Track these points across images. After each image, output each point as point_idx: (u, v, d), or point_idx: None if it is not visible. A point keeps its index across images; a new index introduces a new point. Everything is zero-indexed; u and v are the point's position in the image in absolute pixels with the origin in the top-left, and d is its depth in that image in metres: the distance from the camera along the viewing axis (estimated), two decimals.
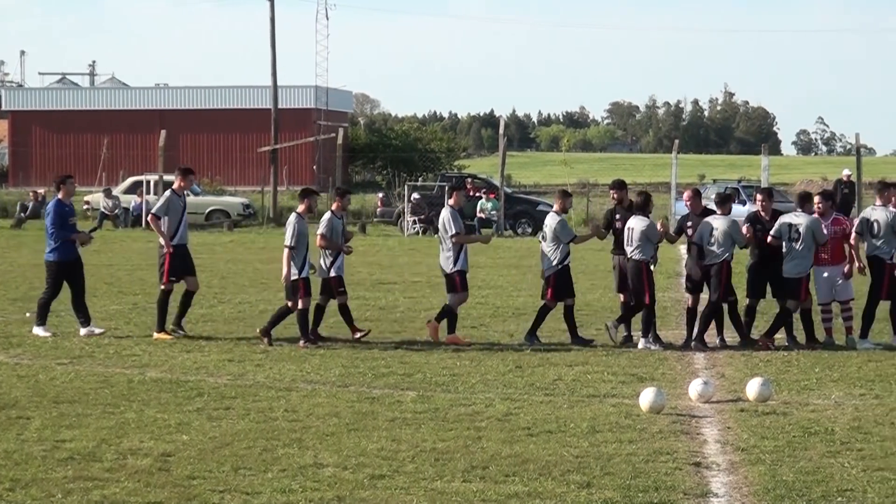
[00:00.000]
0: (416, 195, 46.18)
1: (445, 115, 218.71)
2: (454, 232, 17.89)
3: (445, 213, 17.99)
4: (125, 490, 9.60)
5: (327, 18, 75.45)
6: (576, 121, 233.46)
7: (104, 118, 79.02)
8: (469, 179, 49.20)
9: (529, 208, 47.44)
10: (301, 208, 17.86)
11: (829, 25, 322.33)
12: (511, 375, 14.96)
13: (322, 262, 18.04)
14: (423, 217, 45.22)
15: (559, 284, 17.62)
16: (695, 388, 13.28)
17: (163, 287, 18.07)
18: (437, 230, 45.32)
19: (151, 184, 48.57)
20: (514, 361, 15.92)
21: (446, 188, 19.40)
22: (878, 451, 10.75)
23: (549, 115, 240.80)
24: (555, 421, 12.17)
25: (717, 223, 17.25)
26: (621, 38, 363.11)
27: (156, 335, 17.86)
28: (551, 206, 50.64)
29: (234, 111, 79.47)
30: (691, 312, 17.61)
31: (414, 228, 45.04)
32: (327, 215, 18.19)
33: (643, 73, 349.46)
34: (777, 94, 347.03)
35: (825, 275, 17.46)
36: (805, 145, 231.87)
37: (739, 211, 39.12)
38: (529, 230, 45.54)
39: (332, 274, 18.03)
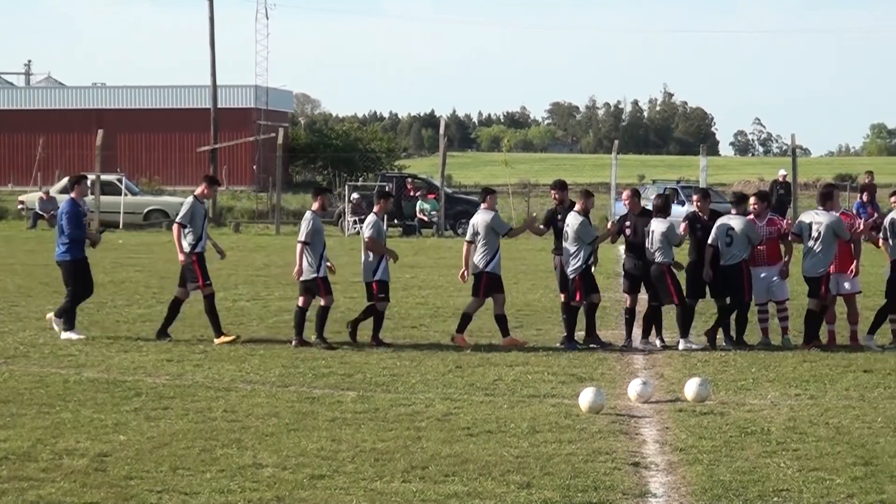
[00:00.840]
0: (356, 195, 46.10)
1: (386, 115, 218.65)
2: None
3: (369, 219, 17.83)
4: (61, 490, 9.51)
5: (267, 18, 75.08)
6: (516, 121, 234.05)
7: (40, 118, 78.16)
8: (409, 180, 49.15)
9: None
10: (315, 206, 17.71)
11: (766, 27, 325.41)
12: (451, 375, 14.96)
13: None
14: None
15: (585, 284, 17.54)
16: (634, 388, 13.35)
17: (204, 293, 17.75)
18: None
19: (88, 183, 48.08)
20: (454, 362, 15.93)
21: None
22: (813, 452, 10.85)
23: (489, 115, 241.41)
24: (495, 421, 12.19)
25: (734, 223, 17.31)
26: (561, 39, 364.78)
27: (217, 341, 17.46)
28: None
29: (173, 111, 78.94)
30: (629, 313, 17.69)
31: (354, 228, 44.93)
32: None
33: (583, 74, 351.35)
34: (715, 95, 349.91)
35: (762, 275, 17.60)
36: (742, 146, 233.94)
37: (678, 211, 39.49)
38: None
39: (377, 278, 17.71)
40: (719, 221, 17.45)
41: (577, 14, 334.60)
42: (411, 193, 46.79)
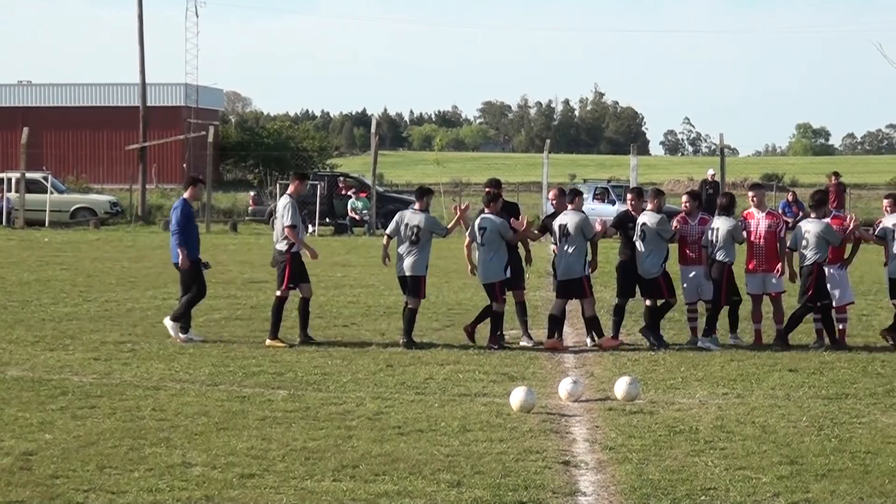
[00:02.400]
0: None
1: (318, 113, 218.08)
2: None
3: (283, 200, 17.68)
4: None
5: (197, 16, 74.38)
6: (448, 120, 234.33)
7: None
8: (341, 178, 49.05)
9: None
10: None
11: (696, 27, 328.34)
12: (382, 374, 14.94)
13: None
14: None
15: (668, 283, 17.54)
16: (564, 387, 13.40)
17: (279, 294, 17.53)
18: (308, 229, 45.03)
19: (13, 181, 47.65)
20: (385, 360, 15.91)
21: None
22: (740, 450, 10.94)
23: (421, 114, 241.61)
24: (426, 420, 12.19)
25: (809, 226, 17.30)
26: (494, 38, 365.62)
27: (269, 342, 17.21)
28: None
29: (101, 108, 78.26)
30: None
31: None
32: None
33: (515, 73, 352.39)
34: (645, 94, 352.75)
35: (691, 274, 17.73)
36: (672, 145, 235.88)
37: (609, 210, 39.73)
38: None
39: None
40: (886, 220, 17.43)
41: (509, 13, 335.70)
42: (343, 192, 46.68)
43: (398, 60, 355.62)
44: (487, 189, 18.08)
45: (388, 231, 17.93)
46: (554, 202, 18.16)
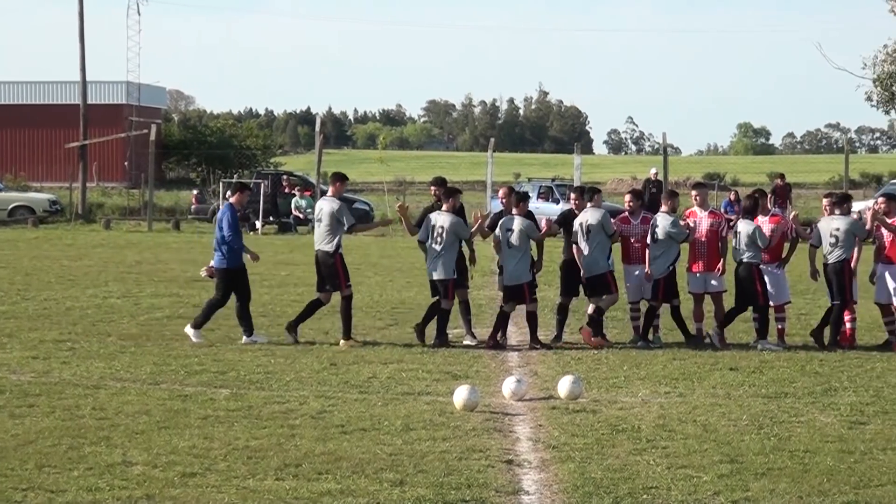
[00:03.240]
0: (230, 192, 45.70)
1: (262, 111, 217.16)
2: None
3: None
4: None
5: (139, 14, 74.00)
6: (392, 119, 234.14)
7: None
8: (285, 177, 48.89)
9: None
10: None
11: (639, 26, 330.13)
12: (325, 373, 14.90)
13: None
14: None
15: (668, 286, 17.52)
16: (508, 385, 13.41)
17: (344, 293, 17.44)
18: (252, 227, 44.78)
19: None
20: (328, 359, 15.87)
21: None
22: (681, 449, 11.00)
23: (365, 112, 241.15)
24: (369, 419, 12.17)
25: (838, 223, 17.35)
26: (438, 37, 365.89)
27: (343, 343, 17.12)
28: (368, 204, 50.76)
29: (40, 106, 77.52)
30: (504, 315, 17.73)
31: None
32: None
33: (459, 72, 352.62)
34: (589, 93, 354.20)
35: (636, 273, 17.81)
36: (616, 144, 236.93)
37: (553, 209, 39.81)
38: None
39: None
40: (822, 222, 17.56)
41: (454, 12, 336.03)
42: (287, 190, 46.55)
43: (342, 59, 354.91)
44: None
45: (419, 237, 17.77)
46: (503, 201, 18.17)
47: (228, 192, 18.18)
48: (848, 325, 17.47)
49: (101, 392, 13.42)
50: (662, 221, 17.51)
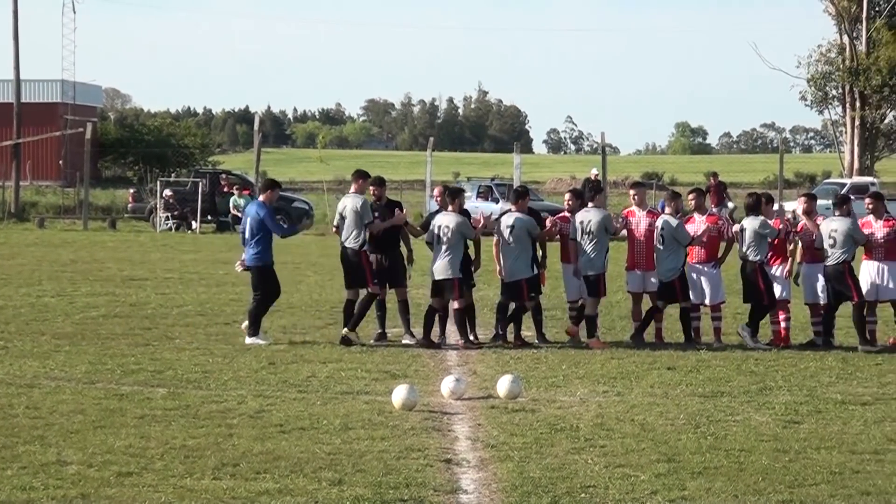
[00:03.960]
0: (168, 191, 45.47)
1: (200, 110, 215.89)
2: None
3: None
4: None
5: (74, 12, 73.37)
6: (332, 118, 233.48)
7: None
8: (223, 175, 48.66)
9: (285, 205, 47.22)
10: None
11: (578, 25, 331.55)
12: (264, 372, 14.83)
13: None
14: (176, 213, 44.54)
15: (683, 287, 17.48)
16: (447, 385, 13.42)
17: (371, 290, 17.42)
18: (190, 226, 44.51)
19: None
20: (266, 358, 15.80)
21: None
22: (619, 448, 11.05)
23: (305, 111, 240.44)
24: (307, 418, 12.13)
25: (837, 224, 17.31)
26: (377, 35, 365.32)
27: (346, 331, 17.19)
28: (307, 203, 50.59)
29: None
30: (432, 312, 17.69)
31: (166, 224, 44.31)
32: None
33: (399, 71, 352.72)
34: (529, 93, 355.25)
35: (574, 272, 17.86)
36: (555, 144, 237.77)
37: (492, 208, 39.88)
38: (284, 226, 45.28)
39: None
40: (823, 223, 17.49)
41: (393, 11, 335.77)
42: (225, 189, 46.36)
43: (282, 58, 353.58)
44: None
45: (426, 239, 17.73)
46: (438, 199, 18.16)
47: (242, 190, 17.99)
48: (782, 325, 17.62)
49: (34, 391, 13.28)
50: (668, 224, 17.47)
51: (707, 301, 17.67)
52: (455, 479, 9.97)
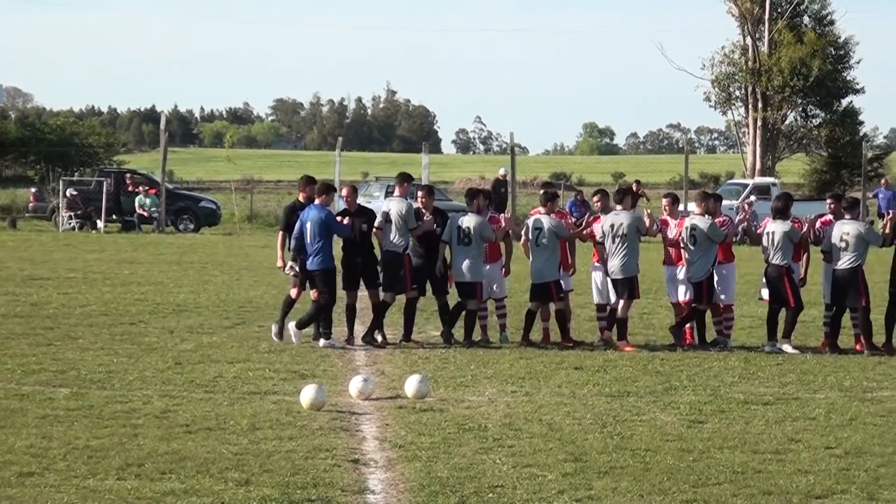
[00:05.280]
0: (71, 190, 44.92)
1: (104, 109, 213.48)
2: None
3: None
4: None
5: None
6: (240, 117, 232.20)
7: None
8: (129, 175, 48.15)
9: (191, 204, 46.94)
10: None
11: (486, 25, 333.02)
12: (170, 372, 14.69)
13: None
14: (79, 212, 44.00)
15: (710, 289, 17.42)
16: (355, 385, 13.39)
17: (410, 296, 17.47)
18: (94, 226, 43.93)
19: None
20: (173, 358, 15.65)
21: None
22: (527, 448, 11.09)
23: (212, 111, 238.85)
24: (214, 418, 12.03)
25: (849, 227, 17.20)
26: (285, 35, 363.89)
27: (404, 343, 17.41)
28: (215, 203, 50.21)
29: None
30: (351, 310, 17.68)
31: (70, 224, 43.74)
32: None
33: (307, 71, 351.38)
34: (437, 93, 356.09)
35: (486, 269, 17.89)
36: (464, 144, 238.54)
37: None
38: (191, 226, 45.13)
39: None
40: (835, 226, 17.38)
41: (301, 10, 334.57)
42: (130, 189, 45.89)
43: (188, 57, 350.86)
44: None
45: (443, 237, 17.67)
46: (348, 200, 18.07)
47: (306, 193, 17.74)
48: (726, 324, 17.76)
49: None
50: (700, 223, 17.47)
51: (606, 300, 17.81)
52: (363, 479, 9.95)
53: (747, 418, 12.54)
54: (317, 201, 17.54)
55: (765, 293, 17.84)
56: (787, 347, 17.28)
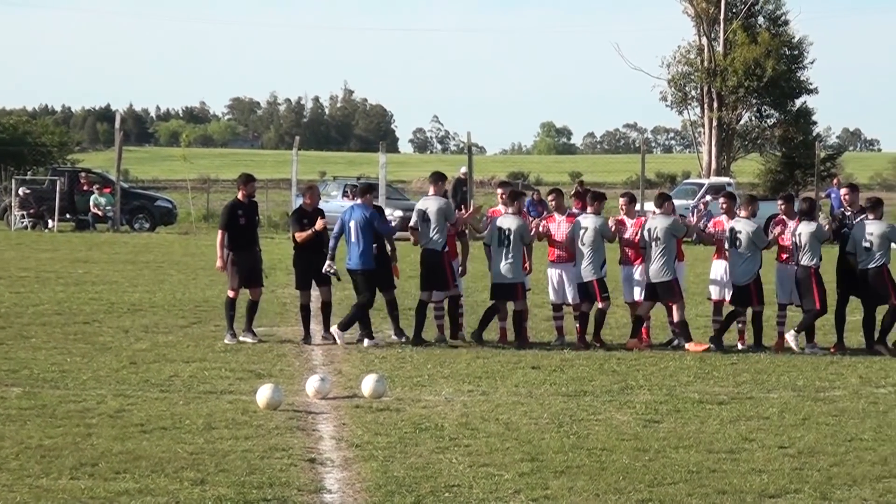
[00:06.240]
0: (24, 189, 44.61)
1: (58, 108, 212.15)
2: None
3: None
4: None
5: None
6: (196, 116, 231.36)
7: None
8: (83, 174, 47.88)
9: (147, 203, 46.73)
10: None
11: (444, 25, 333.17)
12: (125, 372, 14.61)
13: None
14: (32, 211, 43.69)
15: (759, 291, 17.42)
16: (312, 384, 13.36)
17: (451, 293, 17.55)
18: (47, 225, 43.61)
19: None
20: (128, 358, 15.56)
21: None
22: (483, 447, 11.09)
23: (168, 109, 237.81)
24: (170, 417, 11.97)
25: (873, 228, 17.21)
26: (242, 34, 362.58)
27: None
28: (170, 202, 50.03)
29: None
30: (305, 309, 17.59)
31: (22, 223, 43.42)
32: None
33: (264, 70, 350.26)
34: (395, 92, 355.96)
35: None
36: (421, 143, 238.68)
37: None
38: (147, 225, 44.93)
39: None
40: (856, 226, 17.44)
41: (258, 9, 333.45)
42: (85, 188, 45.63)
43: (144, 56, 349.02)
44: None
45: (485, 240, 17.78)
46: (308, 200, 18.02)
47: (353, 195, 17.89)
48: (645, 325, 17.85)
49: None
50: (744, 227, 17.47)
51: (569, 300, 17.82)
52: (319, 479, 9.93)
53: (702, 418, 12.60)
54: (358, 201, 17.65)
55: (713, 292, 17.94)
56: (817, 350, 17.33)
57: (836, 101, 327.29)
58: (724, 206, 18.16)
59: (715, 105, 63.38)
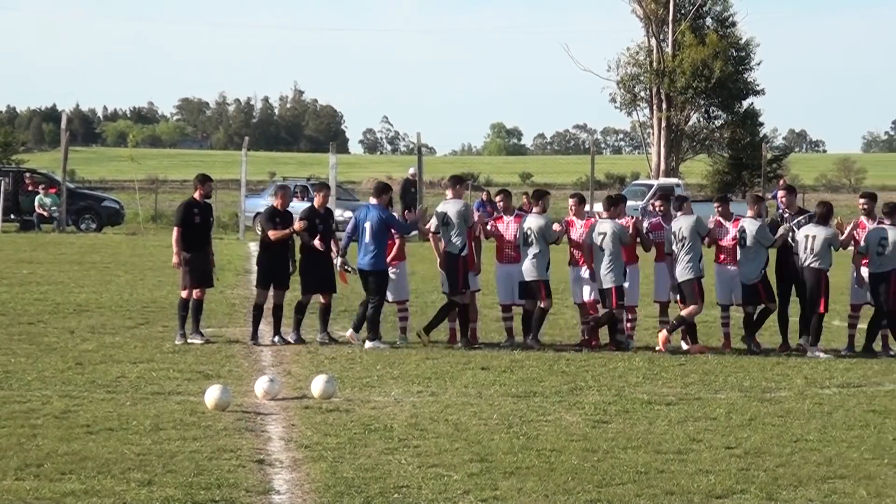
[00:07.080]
0: None
1: (3, 108, 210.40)
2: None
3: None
4: None
5: None
6: (144, 116, 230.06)
7: None
8: (28, 174, 47.48)
9: (94, 204, 46.41)
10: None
11: (394, 26, 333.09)
12: (70, 373, 14.49)
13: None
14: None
15: (767, 288, 17.44)
16: (261, 385, 13.31)
17: (461, 298, 17.49)
18: None
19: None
20: (73, 358, 15.44)
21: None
22: (433, 448, 11.09)
23: (115, 110, 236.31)
24: (116, 418, 11.89)
25: (892, 233, 17.17)
26: (190, 34, 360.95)
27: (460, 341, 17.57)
28: (118, 202, 49.72)
29: None
30: (259, 309, 17.54)
31: None
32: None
33: (213, 70, 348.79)
34: (345, 93, 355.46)
35: (392, 270, 17.85)
36: (371, 144, 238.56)
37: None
38: (94, 226, 44.61)
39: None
40: (871, 230, 17.41)
41: (207, 8, 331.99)
42: (30, 188, 45.27)
43: (90, 55, 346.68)
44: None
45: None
46: (279, 202, 17.92)
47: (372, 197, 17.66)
48: (629, 325, 17.89)
49: None
50: (750, 226, 17.49)
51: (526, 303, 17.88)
52: (268, 480, 9.89)
53: (651, 418, 12.65)
54: (374, 201, 17.60)
55: (661, 294, 18.06)
56: (819, 353, 17.31)
57: (783, 103, 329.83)
58: (661, 208, 18.31)
59: (664, 106, 63.76)
